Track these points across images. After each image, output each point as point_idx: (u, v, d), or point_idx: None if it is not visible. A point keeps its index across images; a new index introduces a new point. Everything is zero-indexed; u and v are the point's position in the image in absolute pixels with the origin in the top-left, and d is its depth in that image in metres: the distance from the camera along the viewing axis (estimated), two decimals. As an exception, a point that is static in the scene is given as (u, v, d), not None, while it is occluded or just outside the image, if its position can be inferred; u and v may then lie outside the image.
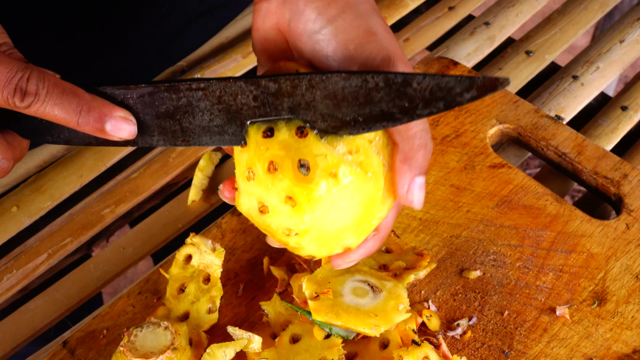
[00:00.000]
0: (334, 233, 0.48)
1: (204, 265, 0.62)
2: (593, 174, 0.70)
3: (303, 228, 0.47)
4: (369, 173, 0.46)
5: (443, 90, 0.43)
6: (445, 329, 0.60)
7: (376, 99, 0.44)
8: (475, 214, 0.67)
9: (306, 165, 0.45)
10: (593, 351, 0.58)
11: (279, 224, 0.47)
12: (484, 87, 0.42)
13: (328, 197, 0.46)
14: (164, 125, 0.48)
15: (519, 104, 0.75)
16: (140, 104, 0.47)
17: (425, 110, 0.43)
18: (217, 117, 0.47)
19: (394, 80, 0.43)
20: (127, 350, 0.56)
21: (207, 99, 0.46)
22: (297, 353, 0.56)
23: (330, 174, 0.46)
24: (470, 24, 0.89)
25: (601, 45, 0.86)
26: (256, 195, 0.47)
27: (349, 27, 0.47)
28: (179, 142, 0.48)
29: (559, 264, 0.63)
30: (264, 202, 0.47)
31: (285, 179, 0.45)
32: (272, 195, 0.46)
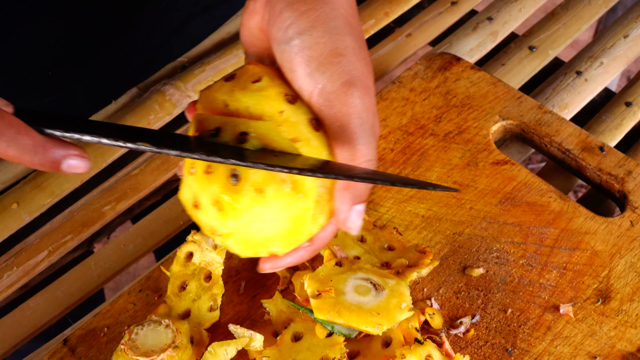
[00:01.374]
0: (258, 240, 0.49)
1: (205, 263, 0.61)
2: (597, 171, 0.69)
3: (226, 231, 0.48)
4: (299, 194, 0.47)
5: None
6: (448, 327, 0.60)
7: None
8: (478, 211, 0.67)
9: (237, 176, 0.47)
10: (597, 349, 0.58)
11: (207, 222, 0.49)
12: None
13: (252, 210, 0.47)
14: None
15: (522, 100, 0.75)
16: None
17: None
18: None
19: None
20: (128, 349, 0.55)
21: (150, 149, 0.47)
22: (299, 351, 0.56)
23: (257, 189, 0.46)
24: (473, 19, 0.89)
25: (605, 40, 0.85)
26: (192, 190, 0.48)
27: (314, 44, 0.46)
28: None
29: (563, 261, 0.63)
30: (198, 199, 0.48)
31: (216, 184, 0.47)
32: (204, 194, 0.47)
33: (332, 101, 0.46)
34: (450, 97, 0.75)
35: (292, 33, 0.47)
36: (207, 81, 0.82)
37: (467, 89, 0.76)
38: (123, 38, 0.80)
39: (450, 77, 0.77)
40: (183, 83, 0.81)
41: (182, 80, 0.81)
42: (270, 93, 0.48)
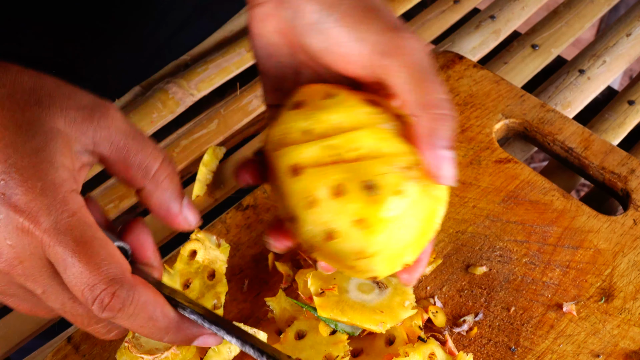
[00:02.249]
0: (398, 251, 0.46)
1: (209, 261, 0.61)
2: (600, 169, 0.69)
3: (375, 250, 0.45)
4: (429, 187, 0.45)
5: None
6: (452, 325, 0.60)
7: None
8: (481, 209, 0.67)
9: (372, 185, 0.44)
10: (600, 348, 0.58)
11: (350, 249, 0.45)
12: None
13: (397, 216, 0.44)
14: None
15: (525, 99, 0.75)
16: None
17: None
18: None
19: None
20: (132, 346, 0.55)
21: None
22: (302, 349, 0.56)
23: (395, 191, 0.44)
24: (475, 18, 0.89)
25: (607, 39, 0.85)
26: (321, 222, 0.44)
27: (352, 9, 0.46)
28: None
29: (566, 259, 0.63)
30: (332, 228, 0.44)
31: (354, 202, 0.44)
32: (341, 219, 0.44)
33: (392, 49, 0.45)
34: (453, 96, 0.75)
35: (327, 11, 0.46)
36: (210, 79, 0.82)
37: (469, 87, 0.76)
38: (126, 37, 0.80)
39: (453, 75, 0.77)
40: (186, 81, 0.81)
41: (185, 79, 0.82)
42: (353, 101, 0.46)
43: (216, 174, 0.76)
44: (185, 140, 0.78)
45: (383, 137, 0.45)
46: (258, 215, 0.68)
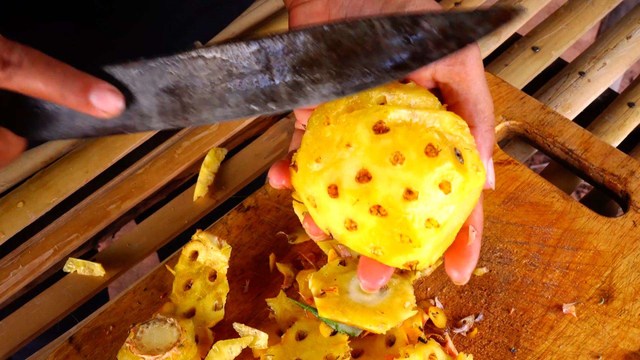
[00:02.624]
0: (445, 239, 0.47)
1: (210, 262, 0.62)
2: (600, 171, 0.70)
3: (445, 219, 0.44)
4: (480, 171, 0.46)
5: (455, 27, 0.40)
6: (452, 326, 0.60)
7: (384, 46, 0.42)
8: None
9: (460, 154, 0.44)
10: (600, 349, 0.58)
11: (425, 212, 0.44)
12: (497, 18, 0.39)
13: (470, 193, 0.45)
14: (164, 103, 0.46)
15: (525, 101, 0.75)
16: (139, 81, 0.45)
17: (437, 53, 0.41)
18: (218, 86, 0.45)
19: (402, 23, 0.41)
20: (133, 347, 0.56)
21: (207, 66, 0.44)
22: (303, 350, 0.56)
23: (476, 169, 0.45)
24: (476, 20, 0.89)
25: (608, 41, 0.85)
26: (403, 181, 0.43)
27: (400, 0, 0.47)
28: (179, 121, 0.46)
29: (566, 261, 0.63)
30: (414, 188, 0.43)
31: (448, 163, 0.43)
32: (426, 179, 0.43)
33: (462, 57, 0.47)
34: (454, 98, 0.76)
35: (392, 10, 0.46)
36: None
37: (470, 89, 0.76)
38: (128, 39, 0.80)
39: (454, 77, 0.77)
40: (188, 83, 0.82)
41: (187, 80, 0.82)
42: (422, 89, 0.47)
43: (217, 175, 0.76)
44: (187, 141, 0.78)
45: (458, 121, 0.46)
46: (259, 216, 0.68)
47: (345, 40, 0.42)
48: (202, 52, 0.44)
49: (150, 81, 0.45)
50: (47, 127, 0.48)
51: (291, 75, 0.44)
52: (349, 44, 0.42)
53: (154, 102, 0.46)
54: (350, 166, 0.44)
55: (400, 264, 0.47)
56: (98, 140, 0.78)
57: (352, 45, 0.42)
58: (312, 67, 0.43)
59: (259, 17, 0.90)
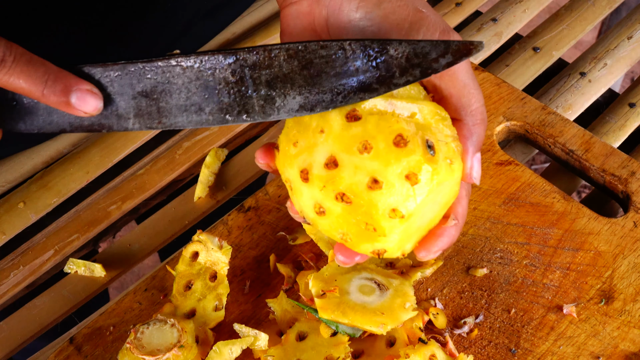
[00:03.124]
0: (418, 229, 0.47)
1: (211, 263, 0.62)
2: (600, 172, 0.70)
3: (410, 210, 0.44)
4: (454, 164, 0.46)
5: (419, 56, 0.42)
6: (452, 326, 0.60)
7: (353, 68, 0.44)
8: (482, 211, 0.67)
9: (432, 146, 0.44)
10: (600, 349, 0.58)
11: (388, 202, 0.44)
12: (458, 51, 0.42)
13: (442, 185, 0.45)
14: (141, 105, 0.47)
15: (526, 101, 0.75)
16: (118, 83, 0.47)
17: (402, 79, 0.43)
18: (195, 95, 0.46)
19: (370, 46, 0.43)
20: (134, 347, 0.56)
21: (185, 74, 0.46)
22: (303, 351, 0.56)
23: (449, 162, 0.45)
24: (477, 20, 0.89)
25: (609, 41, 0.85)
26: (368, 170, 0.44)
27: (397, 8, 0.47)
28: (154, 124, 0.47)
29: (566, 261, 0.63)
30: (379, 177, 0.44)
31: (416, 154, 0.43)
32: (394, 168, 0.44)
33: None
34: (455, 98, 0.76)
35: (368, 7, 0.47)
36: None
37: (471, 89, 0.76)
38: (128, 39, 0.80)
39: (455, 78, 0.77)
40: (188, 83, 0.82)
41: (188, 81, 0.82)
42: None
43: (218, 176, 0.76)
44: (188, 142, 0.78)
45: (439, 112, 0.46)
46: (259, 217, 0.68)
47: (317, 60, 0.44)
48: (181, 61, 0.46)
49: (129, 84, 0.47)
50: (24, 119, 0.48)
51: (265, 89, 0.46)
52: (320, 63, 0.44)
53: (131, 104, 0.47)
54: (320, 152, 0.45)
55: (368, 251, 0.47)
56: (99, 141, 0.78)
57: (323, 65, 0.44)
58: (284, 83, 0.45)
59: (259, 17, 0.90)
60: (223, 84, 0.46)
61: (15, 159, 0.77)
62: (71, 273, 0.70)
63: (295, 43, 0.44)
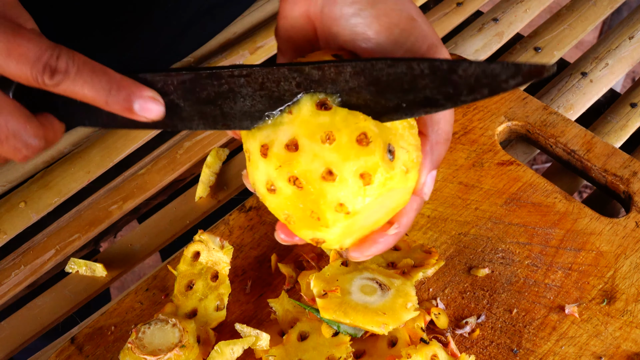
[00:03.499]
0: (360, 228, 0.48)
1: (212, 263, 0.62)
2: (602, 172, 0.70)
3: (357, 208, 0.45)
4: (410, 173, 0.46)
5: (488, 77, 0.42)
6: (454, 327, 0.60)
7: (421, 85, 0.44)
8: (484, 211, 0.67)
9: (393, 151, 0.45)
10: (602, 350, 0.58)
11: (337, 196, 0.45)
12: (529, 73, 0.41)
13: (392, 191, 0.46)
14: (205, 110, 0.47)
15: (528, 101, 0.75)
16: (181, 89, 0.47)
17: (470, 97, 0.43)
18: (259, 103, 0.46)
19: (439, 68, 0.43)
20: (135, 347, 0.56)
21: (249, 86, 0.46)
22: (305, 351, 0.56)
23: (405, 170, 0.46)
24: (478, 20, 0.89)
25: (610, 41, 0.85)
26: (326, 160, 0.44)
27: (390, 11, 0.47)
28: (219, 126, 0.48)
29: (568, 262, 0.63)
30: (334, 170, 0.44)
31: (375, 156, 0.44)
32: (350, 164, 0.44)
33: None
34: (456, 98, 0.75)
35: (362, 4, 0.47)
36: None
37: (472, 89, 0.76)
38: (129, 38, 0.80)
39: (456, 77, 0.77)
40: (189, 83, 0.82)
41: (189, 81, 0.82)
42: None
43: (219, 176, 0.76)
44: (189, 142, 0.78)
45: (409, 120, 0.47)
46: (261, 217, 0.68)
47: (384, 77, 0.44)
48: (245, 72, 0.46)
49: (191, 90, 0.47)
50: (88, 116, 0.49)
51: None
52: (387, 80, 0.44)
53: (195, 109, 0.47)
54: (284, 132, 0.45)
55: (307, 238, 0.48)
56: (99, 141, 0.78)
57: (390, 82, 0.44)
58: (348, 96, 0.45)
59: (260, 17, 0.90)
60: (287, 95, 0.46)
61: (16, 158, 0.77)
62: (72, 273, 0.69)
63: (361, 61, 0.44)
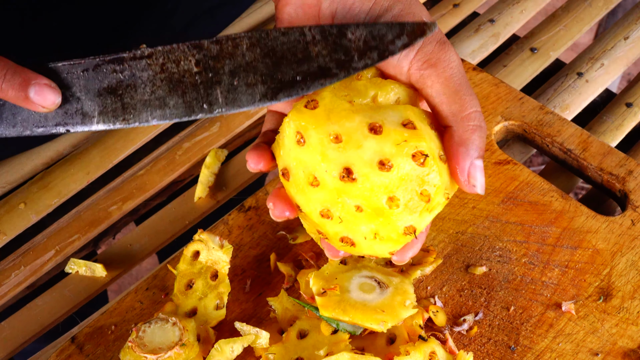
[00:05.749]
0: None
1: (212, 262, 0.62)
2: (598, 171, 0.70)
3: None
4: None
5: (376, 38, 0.44)
6: (452, 324, 0.60)
7: (313, 53, 0.45)
8: (481, 210, 0.67)
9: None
10: (599, 346, 0.59)
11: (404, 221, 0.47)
12: (413, 32, 0.43)
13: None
14: (105, 103, 0.47)
15: (524, 101, 0.75)
16: (84, 79, 0.47)
17: (361, 62, 0.44)
18: (159, 89, 0.47)
19: (330, 32, 0.44)
20: (136, 346, 0.56)
21: (151, 68, 0.46)
22: (304, 348, 0.57)
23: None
24: (474, 21, 0.90)
25: (605, 42, 0.86)
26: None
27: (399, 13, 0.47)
28: (118, 122, 0.48)
29: (565, 259, 0.64)
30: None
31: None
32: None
33: (433, 60, 0.47)
34: (453, 98, 0.76)
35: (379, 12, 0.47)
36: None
37: (469, 90, 0.77)
38: (128, 39, 0.80)
39: (453, 78, 0.78)
40: (188, 84, 0.82)
41: (187, 82, 0.82)
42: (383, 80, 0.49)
43: (218, 176, 0.76)
44: (188, 142, 0.79)
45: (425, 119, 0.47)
46: (260, 216, 0.68)
47: (279, 47, 0.45)
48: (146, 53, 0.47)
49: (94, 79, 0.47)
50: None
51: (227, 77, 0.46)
52: (281, 49, 0.45)
53: (96, 102, 0.48)
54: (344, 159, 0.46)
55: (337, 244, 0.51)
56: (99, 142, 0.78)
57: (285, 52, 0.45)
58: (247, 72, 0.46)
59: (258, 19, 0.91)
60: (187, 76, 0.46)
61: (16, 160, 0.77)
62: (72, 273, 0.70)
63: (257, 31, 0.45)
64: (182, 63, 0.46)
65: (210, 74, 0.46)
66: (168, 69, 0.46)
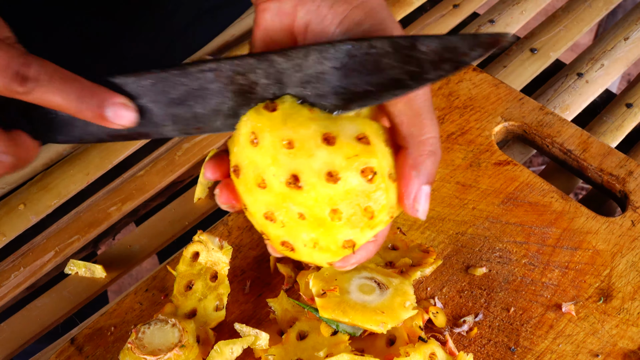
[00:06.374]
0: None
1: (211, 263, 0.62)
2: (598, 171, 0.70)
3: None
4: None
5: (449, 51, 0.42)
6: (452, 325, 0.60)
7: (384, 66, 0.44)
8: (481, 211, 0.67)
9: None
10: (599, 347, 0.59)
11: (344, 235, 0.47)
12: (487, 43, 0.42)
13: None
14: (176, 112, 0.47)
15: (524, 102, 0.75)
16: (152, 92, 0.47)
17: (434, 74, 0.43)
18: (230, 99, 0.47)
19: (400, 44, 0.43)
20: (135, 347, 0.56)
21: (219, 81, 0.46)
22: (304, 350, 0.57)
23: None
24: (474, 22, 0.89)
25: (605, 42, 0.86)
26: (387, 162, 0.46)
27: (375, 33, 0.46)
28: (192, 130, 0.48)
29: (565, 260, 0.64)
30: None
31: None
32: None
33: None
34: (453, 99, 0.76)
35: (350, 25, 0.46)
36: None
37: (469, 90, 0.77)
38: (128, 41, 0.80)
39: (453, 78, 0.78)
40: (188, 85, 0.82)
41: (187, 83, 0.82)
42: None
43: (218, 177, 0.76)
44: (187, 143, 0.79)
45: (382, 134, 0.47)
46: (260, 217, 0.68)
47: (349, 59, 0.44)
48: (213, 66, 0.46)
49: (163, 91, 0.47)
50: (62, 131, 0.49)
51: (298, 88, 0.46)
52: (352, 62, 0.44)
53: (167, 113, 0.47)
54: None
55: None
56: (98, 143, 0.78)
57: (355, 64, 0.44)
58: (317, 83, 0.45)
59: (259, 19, 0.91)
60: (257, 87, 0.46)
61: (16, 161, 0.77)
62: (72, 274, 0.70)
63: (326, 43, 0.44)
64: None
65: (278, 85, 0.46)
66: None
